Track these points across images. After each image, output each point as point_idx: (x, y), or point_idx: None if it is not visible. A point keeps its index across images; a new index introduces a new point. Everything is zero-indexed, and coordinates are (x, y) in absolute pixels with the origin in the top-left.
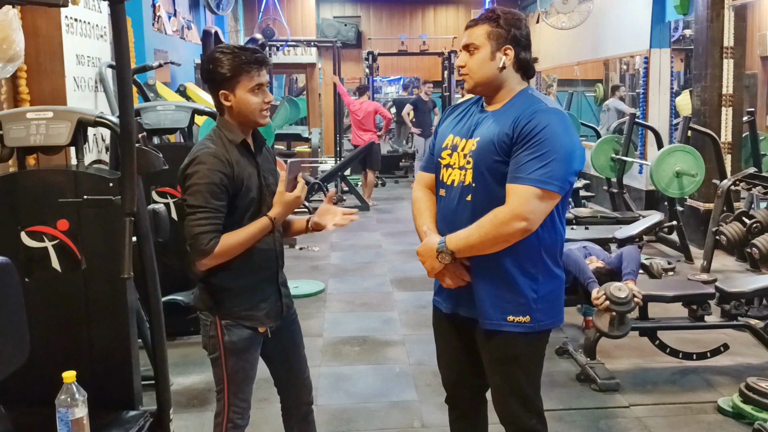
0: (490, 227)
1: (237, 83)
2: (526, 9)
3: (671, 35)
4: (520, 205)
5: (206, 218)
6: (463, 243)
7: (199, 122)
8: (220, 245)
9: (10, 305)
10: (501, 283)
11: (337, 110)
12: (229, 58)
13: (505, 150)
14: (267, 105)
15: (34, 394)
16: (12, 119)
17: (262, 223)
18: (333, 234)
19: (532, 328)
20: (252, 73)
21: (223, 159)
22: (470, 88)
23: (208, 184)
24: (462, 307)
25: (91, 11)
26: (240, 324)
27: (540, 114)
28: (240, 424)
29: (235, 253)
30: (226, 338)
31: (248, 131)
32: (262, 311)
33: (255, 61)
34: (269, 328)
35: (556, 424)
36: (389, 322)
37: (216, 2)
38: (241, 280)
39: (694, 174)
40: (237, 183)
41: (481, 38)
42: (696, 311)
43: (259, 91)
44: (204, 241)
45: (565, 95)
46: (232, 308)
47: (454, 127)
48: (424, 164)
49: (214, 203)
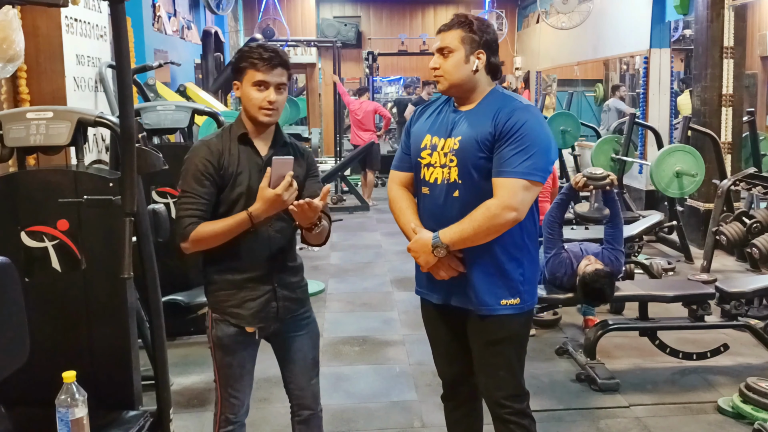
0: (483, 220)
1: (243, 75)
2: (526, 9)
3: (671, 35)
4: (510, 196)
5: (188, 203)
6: (458, 236)
7: (199, 122)
8: (196, 232)
9: (10, 305)
10: (493, 270)
11: (337, 110)
12: (246, 52)
13: (488, 147)
14: (268, 104)
15: (34, 394)
16: (12, 119)
17: (239, 217)
18: (333, 234)
19: (521, 308)
20: (258, 67)
21: (213, 149)
22: (445, 89)
23: (194, 171)
24: (453, 297)
25: (91, 11)
26: (226, 320)
27: (518, 111)
28: (231, 419)
29: (211, 242)
30: (214, 332)
31: (258, 127)
32: (248, 311)
33: (268, 58)
34: (258, 329)
35: (556, 424)
36: (389, 322)
37: (216, 2)
38: (227, 275)
39: (694, 174)
40: (225, 175)
41: (455, 42)
42: (696, 311)
43: (264, 88)
44: (183, 224)
45: (565, 95)
46: (219, 303)
47: (429, 127)
48: (397, 163)
49: (198, 189)
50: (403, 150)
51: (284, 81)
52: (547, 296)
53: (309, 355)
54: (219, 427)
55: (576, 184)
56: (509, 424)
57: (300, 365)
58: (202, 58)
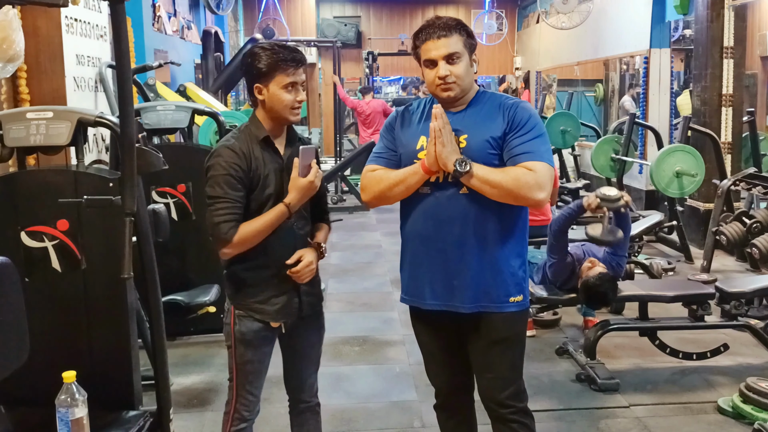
0: (514, 180)
1: (272, 79)
2: (526, 9)
3: (671, 35)
4: (543, 177)
5: (224, 208)
6: (483, 173)
7: (199, 122)
8: (239, 234)
9: (10, 305)
10: (504, 266)
11: (337, 110)
12: (268, 54)
13: (498, 144)
14: (299, 104)
15: (34, 394)
16: (12, 119)
17: (278, 210)
18: (333, 234)
19: (524, 305)
20: (288, 71)
21: (239, 152)
22: (456, 95)
23: (224, 176)
24: (456, 300)
25: (91, 11)
26: (251, 316)
27: (520, 106)
28: (246, 416)
29: (254, 240)
30: (237, 328)
31: (278, 128)
32: (274, 306)
33: (292, 59)
34: (283, 324)
35: (556, 424)
36: (389, 322)
37: (216, 2)
38: (255, 272)
39: (694, 174)
40: (254, 177)
41: (460, 47)
42: (696, 311)
43: (293, 89)
44: (224, 230)
45: (565, 95)
46: (245, 299)
47: (422, 129)
48: (376, 158)
49: (232, 194)
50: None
51: (305, 79)
52: (547, 296)
53: (315, 345)
54: (231, 425)
55: (589, 206)
56: (512, 423)
57: (307, 360)
58: (202, 58)
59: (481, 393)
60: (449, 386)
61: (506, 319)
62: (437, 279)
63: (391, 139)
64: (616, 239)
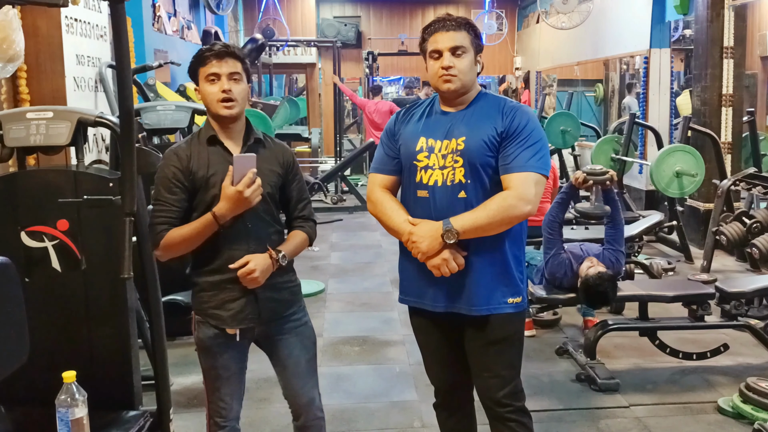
0: (498, 210)
1: (198, 76)
2: (526, 9)
3: (671, 35)
4: (525, 189)
5: (159, 211)
6: (470, 224)
7: (199, 122)
8: (166, 238)
9: (10, 305)
10: (505, 268)
11: (337, 110)
12: (195, 55)
13: (495, 146)
14: (224, 94)
15: (34, 394)
16: (12, 119)
17: (205, 219)
18: (333, 234)
19: (522, 306)
20: (207, 62)
21: (181, 155)
22: (457, 88)
23: (163, 178)
24: (459, 301)
25: (91, 11)
26: (207, 322)
27: (519, 110)
28: (221, 423)
29: (182, 247)
30: (196, 334)
31: (225, 126)
32: (228, 311)
33: (211, 50)
34: (240, 331)
35: (556, 424)
36: (389, 322)
37: (216, 2)
38: (207, 276)
39: (694, 174)
40: (196, 179)
41: (467, 43)
42: (696, 311)
43: (217, 81)
44: (155, 232)
45: (565, 95)
46: (201, 304)
47: (422, 129)
48: (379, 166)
49: (167, 196)
50: (386, 153)
51: (237, 71)
52: (547, 296)
53: (301, 359)
54: (209, 430)
55: (576, 181)
56: (510, 422)
57: (291, 370)
58: None
59: (479, 392)
60: (448, 385)
61: (504, 320)
62: (436, 281)
63: (391, 145)
64: (604, 212)
